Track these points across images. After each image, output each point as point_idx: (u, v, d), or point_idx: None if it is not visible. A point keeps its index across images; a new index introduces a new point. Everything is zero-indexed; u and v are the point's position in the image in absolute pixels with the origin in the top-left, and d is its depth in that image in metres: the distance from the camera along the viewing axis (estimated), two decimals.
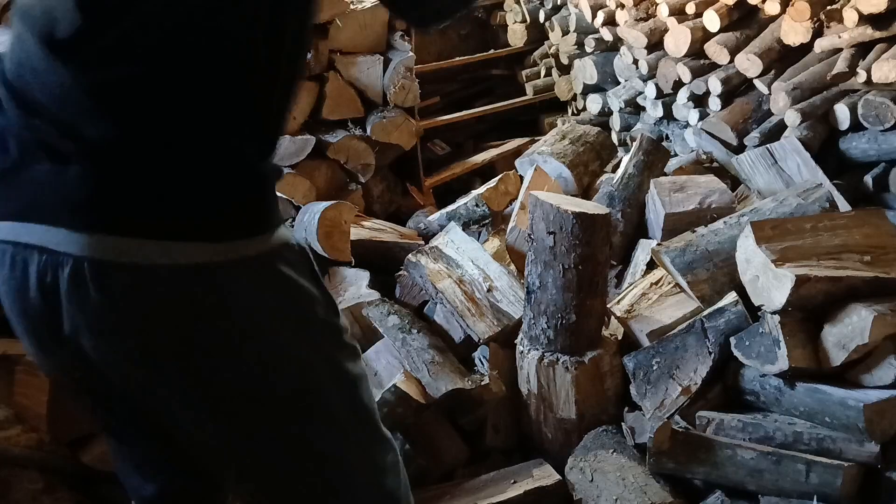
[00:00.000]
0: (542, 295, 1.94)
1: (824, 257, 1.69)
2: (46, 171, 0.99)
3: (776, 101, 2.58)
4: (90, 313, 0.99)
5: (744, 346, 1.75)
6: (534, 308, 1.97)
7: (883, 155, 2.43)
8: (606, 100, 3.52)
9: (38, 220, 0.99)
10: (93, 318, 0.99)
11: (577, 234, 1.85)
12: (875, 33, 2.45)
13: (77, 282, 0.97)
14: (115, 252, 0.96)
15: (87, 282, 0.97)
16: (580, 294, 1.90)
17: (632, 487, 1.75)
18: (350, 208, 2.52)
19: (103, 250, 0.96)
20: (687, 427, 1.75)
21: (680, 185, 2.26)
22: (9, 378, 2.01)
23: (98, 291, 0.97)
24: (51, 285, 0.99)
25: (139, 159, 0.96)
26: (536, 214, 1.91)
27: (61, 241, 0.97)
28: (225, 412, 1.06)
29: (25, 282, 1.01)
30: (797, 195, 2.00)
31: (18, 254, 1.02)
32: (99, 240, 0.96)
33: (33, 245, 0.99)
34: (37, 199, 1.00)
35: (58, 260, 0.97)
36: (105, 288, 0.97)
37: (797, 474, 1.63)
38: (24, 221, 1.00)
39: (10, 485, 1.93)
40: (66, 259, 0.97)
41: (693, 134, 2.89)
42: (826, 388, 1.65)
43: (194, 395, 1.05)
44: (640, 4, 3.16)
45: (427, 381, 2.04)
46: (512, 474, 1.94)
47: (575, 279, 1.88)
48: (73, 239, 0.96)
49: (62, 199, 0.98)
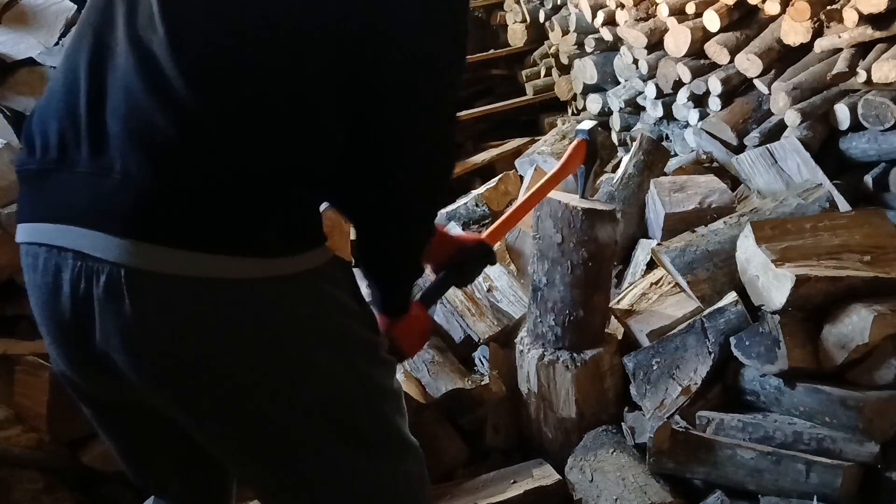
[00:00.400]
0: (549, 292, 1.94)
1: (824, 257, 1.69)
2: (86, 175, 0.97)
3: (776, 101, 2.58)
4: (123, 323, 0.96)
5: (744, 346, 1.75)
6: (540, 305, 1.97)
7: (883, 155, 2.43)
8: (606, 100, 3.52)
9: (74, 222, 0.96)
10: (125, 328, 0.96)
11: (585, 231, 1.85)
12: (875, 33, 2.45)
13: (112, 290, 0.94)
14: (155, 262, 0.94)
15: (122, 290, 0.94)
16: (587, 290, 1.91)
17: (632, 487, 1.75)
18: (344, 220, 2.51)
19: (143, 259, 0.94)
20: (687, 427, 1.75)
21: (680, 185, 2.26)
22: (9, 378, 2.01)
23: (133, 301, 0.94)
24: (84, 293, 0.96)
25: (191, 173, 0.94)
26: (543, 212, 1.91)
27: (99, 246, 0.94)
28: (253, 428, 1.05)
29: (58, 289, 0.99)
30: (797, 195, 2.01)
31: (52, 258, 0.99)
32: (139, 247, 0.93)
33: (68, 249, 0.96)
34: (75, 201, 0.97)
35: (93, 267, 0.95)
36: (141, 297, 0.94)
37: (797, 474, 1.63)
38: (59, 223, 0.98)
39: (10, 485, 1.93)
40: (102, 266, 0.94)
41: (693, 134, 2.89)
42: (826, 388, 1.65)
43: (224, 410, 1.03)
44: (640, 4, 3.16)
45: (427, 381, 2.04)
46: (512, 474, 1.94)
47: (583, 275, 1.89)
48: (112, 244, 0.94)
49: (104, 204, 0.95)
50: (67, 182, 0.98)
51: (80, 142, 0.98)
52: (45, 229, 1.00)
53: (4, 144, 2.57)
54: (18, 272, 2.80)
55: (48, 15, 2.62)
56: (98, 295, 0.95)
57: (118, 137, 0.95)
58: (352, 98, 1.01)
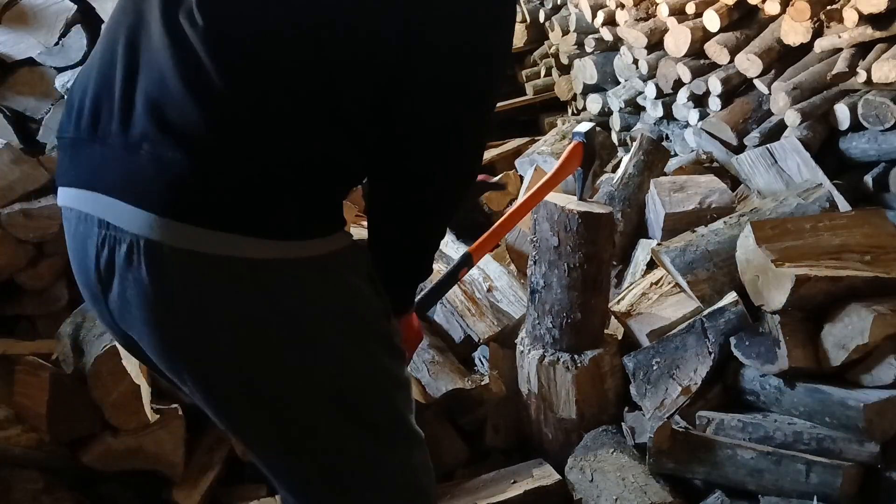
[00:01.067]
0: (547, 294, 1.94)
1: (824, 257, 1.69)
2: (116, 148, 1.00)
3: (776, 101, 2.58)
4: (139, 295, 0.99)
5: (744, 346, 1.75)
6: (538, 308, 1.97)
7: (883, 155, 2.43)
8: (606, 100, 3.52)
9: (104, 191, 1.00)
10: (141, 300, 0.99)
11: (582, 234, 1.85)
12: (875, 33, 2.45)
13: (130, 260, 0.97)
14: (177, 237, 0.96)
15: (140, 262, 0.97)
16: (585, 293, 1.90)
17: (632, 487, 1.75)
18: (350, 208, 2.52)
19: (165, 233, 0.96)
20: (687, 427, 1.75)
21: (680, 185, 2.26)
22: (9, 378, 2.01)
23: (150, 273, 0.97)
24: (107, 261, 1.00)
25: (220, 159, 0.97)
26: (540, 215, 1.91)
27: (124, 217, 0.97)
28: (263, 407, 1.06)
29: (85, 254, 1.03)
30: (797, 195, 2.00)
31: (80, 224, 1.03)
32: (162, 222, 0.96)
33: (94, 217, 1.01)
34: (104, 173, 1.00)
35: (116, 236, 0.98)
36: (160, 270, 0.97)
37: (797, 474, 1.63)
38: (90, 190, 1.01)
39: (10, 485, 1.93)
40: (124, 236, 0.97)
41: (693, 134, 2.89)
42: (826, 388, 1.65)
43: (234, 387, 1.05)
44: (640, 4, 3.16)
45: (427, 380, 2.04)
46: (512, 474, 1.94)
47: (580, 278, 1.88)
48: (136, 216, 0.96)
49: (130, 178, 0.98)
50: (99, 153, 1.02)
51: (113, 116, 1.01)
52: (76, 195, 1.04)
53: (4, 144, 2.57)
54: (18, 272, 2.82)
55: (48, 15, 2.62)
56: (119, 262, 0.99)
57: (146, 117, 0.98)
58: (387, 96, 1.01)
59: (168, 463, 2.08)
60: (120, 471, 2.06)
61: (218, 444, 2.20)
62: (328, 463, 1.11)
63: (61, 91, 2.61)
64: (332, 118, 1.00)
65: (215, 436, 2.23)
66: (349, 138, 1.02)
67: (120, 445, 2.00)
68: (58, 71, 2.66)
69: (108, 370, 1.94)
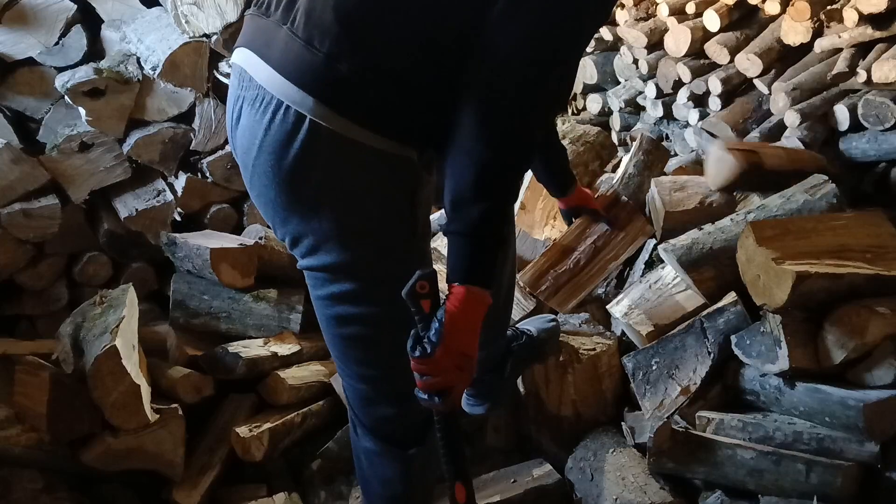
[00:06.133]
0: None
1: (825, 256, 1.69)
2: (273, 23, 1.32)
3: (776, 101, 2.57)
4: (271, 143, 1.30)
5: (744, 345, 1.75)
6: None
7: (883, 155, 2.43)
8: (606, 100, 3.51)
9: (265, 59, 1.31)
10: (274, 147, 1.30)
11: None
12: (875, 33, 2.44)
13: (273, 117, 1.29)
14: (300, 102, 1.26)
15: (276, 119, 1.28)
16: None
17: (632, 487, 1.75)
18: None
19: (303, 104, 1.26)
20: (687, 427, 1.75)
21: (680, 185, 2.26)
22: (9, 378, 2.01)
23: (282, 129, 1.28)
24: (238, 110, 1.37)
25: (361, 67, 1.25)
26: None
27: (275, 84, 1.28)
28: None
29: (231, 103, 1.40)
30: (804, 191, 1.99)
31: (238, 74, 1.38)
32: (301, 95, 1.26)
33: (247, 74, 1.34)
34: (274, 45, 1.31)
35: (264, 97, 1.30)
36: (290, 126, 1.28)
37: (797, 474, 1.63)
38: (255, 54, 1.34)
39: (10, 485, 1.93)
40: (271, 98, 1.29)
41: (693, 134, 2.89)
42: (826, 388, 1.65)
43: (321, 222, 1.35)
44: (640, 4, 3.15)
45: None
46: (512, 474, 1.94)
47: None
48: (285, 85, 1.27)
49: (295, 60, 1.27)
50: (263, 25, 1.35)
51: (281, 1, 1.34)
52: (246, 56, 1.36)
53: (4, 144, 2.57)
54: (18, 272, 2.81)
55: (48, 15, 2.61)
56: (259, 116, 1.31)
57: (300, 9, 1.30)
58: (474, 25, 1.22)
59: (168, 463, 2.08)
60: (120, 471, 2.06)
61: (218, 444, 2.21)
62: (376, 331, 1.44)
63: (61, 91, 2.60)
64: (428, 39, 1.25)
65: (215, 436, 2.23)
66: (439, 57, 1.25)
67: (120, 445, 2.00)
68: (58, 71, 2.66)
69: (108, 370, 1.95)
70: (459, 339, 1.24)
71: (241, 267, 2.42)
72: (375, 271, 1.38)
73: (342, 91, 1.26)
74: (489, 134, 1.22)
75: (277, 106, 1.28)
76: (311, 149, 1.28)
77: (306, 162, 1.29)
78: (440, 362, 1.23)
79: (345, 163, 1.29)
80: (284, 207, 1.36)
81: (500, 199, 1.28)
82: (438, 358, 1.22)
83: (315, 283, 1.44)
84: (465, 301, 1.24)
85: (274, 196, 1.35)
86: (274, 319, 2.43)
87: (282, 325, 2.43)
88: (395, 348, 1.34)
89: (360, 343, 1.46)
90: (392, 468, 1.58)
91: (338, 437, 2.16)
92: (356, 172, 1.31)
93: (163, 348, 2.33)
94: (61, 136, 2.64)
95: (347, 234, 1.35)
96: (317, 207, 1.33)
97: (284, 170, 1.31)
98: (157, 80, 2.63)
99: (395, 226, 1.37)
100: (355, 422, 1.60)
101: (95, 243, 2.82)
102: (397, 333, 1.32)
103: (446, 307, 1.24)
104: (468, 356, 1.27)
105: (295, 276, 1.96)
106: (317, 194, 1.32)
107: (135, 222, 2.74)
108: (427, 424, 1.48)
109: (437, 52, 1.25)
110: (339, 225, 1.34)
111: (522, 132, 1.27)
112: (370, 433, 1.57)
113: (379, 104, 1.27)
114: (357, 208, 1.33)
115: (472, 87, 1.23)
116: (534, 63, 1.22)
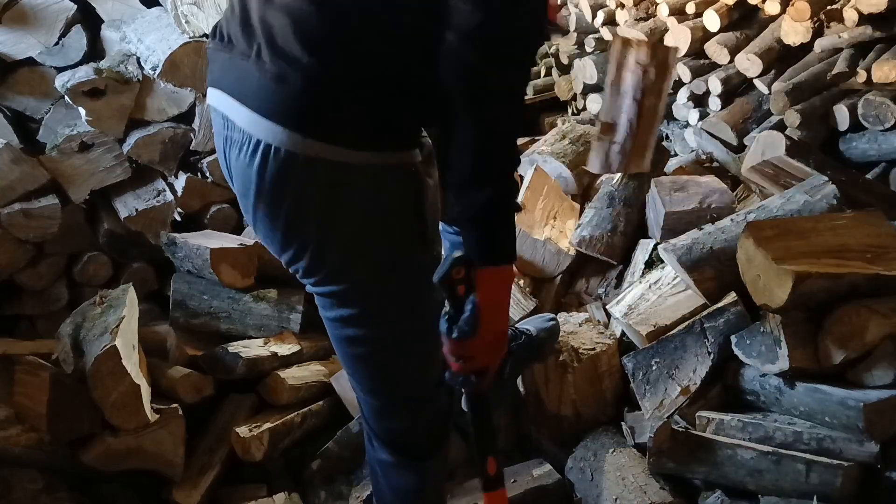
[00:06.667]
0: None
1: (825, 256, 1.69)
2: (238, 57, 1.27)
3: (776, 101, 2.58)
4: (267, 189, 1.26)
5: (744, 345, 1.75)
6: None
7: (883, 155, 2.43)
8: None
9: (241, 100, 1.26)
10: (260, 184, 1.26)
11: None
12: (875, 33, 2.45)
13: (263, 161, 1.24)
14: (286, 141, 1.22)
15: (268, 162, 1.23)
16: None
17: (632, 487, 1.75)
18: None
19: (290, 142, 1.21)
20: (687, 427, 1.75)
21: (680, 185, 2.26)
22: (9, 378, 2.01)
23: (274, 173, 1.24)
24: (227, 151, 1.31)
25: (337, 86, 1.20)
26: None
27: (258, 127, 1.23)
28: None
29: (219, 139, 1.35)
30: (804, 192, 1.99)
31: (217, 118, 1.33)
32: (286, 133, 1.21)
33: (229, 119, 1.29)
34: (246, 84, 1.26)
35: (249, 140, 1.25)
36: (272, 162, 1.23)
37: (797, 474, 1.63)
38: (230, 95, 1.28)
39: (10, 485, 1.93)
40: (257, 142, 1.23)
41: (693, 134, 2.89)
42: (826, 388, 1.65)
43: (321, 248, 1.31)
44: (640, 4, 3.16)
45: None
46: (512, 474, 1.94)
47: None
48: (268, 126, 1.22)
49: (272, 97, 1.22)
50: (228, 61, 1.30)
51: (239, 32, 1.28)
52: (220, 97, 1.31)
53: (4, 144, 2.57)
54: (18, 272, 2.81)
55: (48, 15, 2.62)
56: (245, 158, 1.26)
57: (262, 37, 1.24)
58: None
59: (168, 463, 2.08)
60: (120, 471, 2.06)
61: (218, 444, 2.21)
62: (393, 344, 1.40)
63: (61, 91, 2.61)
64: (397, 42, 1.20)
65: (215, 436, 2.23)
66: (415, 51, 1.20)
67: (120, 445, 2.00)
68: (58, 71, 2.66)
69: (108, 370, 1.95)
70: (496, 318, 1.26)
71: (241, 267, 2.42)
72: (387, 291, 1.36)
73: (326, 119, 1.22)
74: (475, 109, 1.18)
75: (266, 148, 1.23)
76: (308, 187, 1.25)
77: (305, 202, 1.27)
78: (479, 344, 1.24)
79: (344, 191, 1.26)
80: (292, 247, 1.34)
81: (502, 174, 1.24)
82: (478, 340, 1.24)
83: (324, 304, 1.42)
84: (495, 281, 1.25)
85: (281, 238, 1.33)
86: (274, 319, 2.43)
87: (282, 325, 2.43)
88: (408, 362, 1.35)
89: (373, 361, 1.45)
90: (407, 480, 1.58)
91: (338, 437, 2.16)
92: (357, 198, 1.27)
93: (163, 348, 2.33)
94: (61, 136, 2.65)
95: (357, 262, 1.33)
96: (323, 242, 1.31)
97: (285, 212, 1.28)
98: (157, 80, 2.63)
99: (405, 241, 1.34)
100: (370, 434, 1.58)
101: (95, 243, 2.82)
102: (411, 347, 1.32)
103: (478, 290, 1.23)
104: (503, 333, 1.30)
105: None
106: (320, 231, 1.30)
107: (135, 222, 2.74)
108: (440, 436, 1.52)
109: (405, 42, 1.21)
110: (347, 256, 1.32)
111: (504, 91, 1.21)
112: (385, 446, 1.56)
113: (366, 120, 1.23)
114: (363, 235, 1.30)
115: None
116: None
